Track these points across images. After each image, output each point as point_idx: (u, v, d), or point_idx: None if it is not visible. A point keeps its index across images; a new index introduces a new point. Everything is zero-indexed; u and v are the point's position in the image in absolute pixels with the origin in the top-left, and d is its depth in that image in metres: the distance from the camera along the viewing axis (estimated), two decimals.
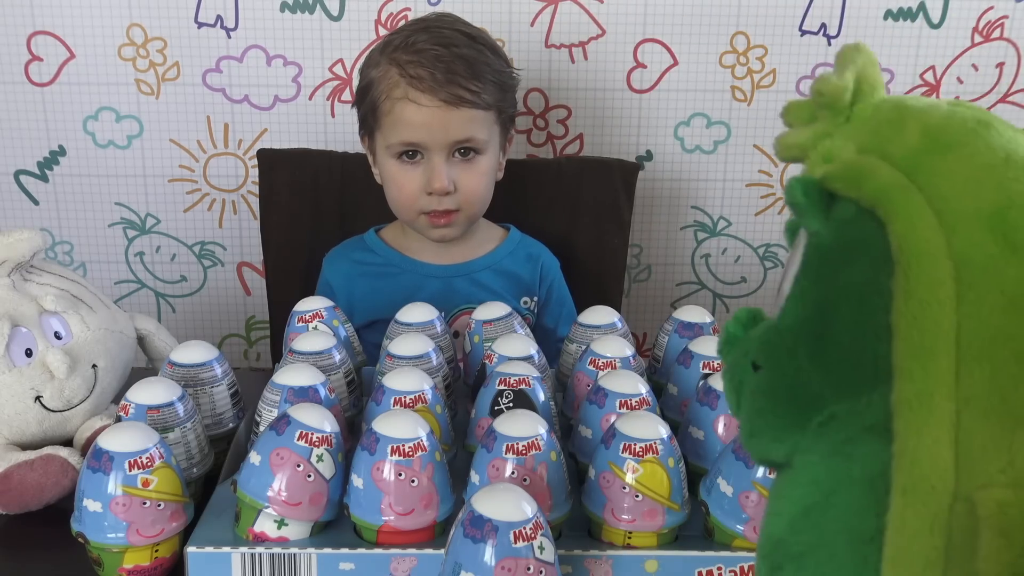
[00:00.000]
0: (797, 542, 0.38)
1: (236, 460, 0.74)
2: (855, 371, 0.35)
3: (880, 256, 0.34)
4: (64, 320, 0.80)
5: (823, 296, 0.37)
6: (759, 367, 0.40)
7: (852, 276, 0.36)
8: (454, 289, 1.11)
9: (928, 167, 0.35)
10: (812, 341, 0.37)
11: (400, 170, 1.04)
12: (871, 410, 0.35)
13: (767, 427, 0.39)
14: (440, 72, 0.99)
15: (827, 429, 0.37)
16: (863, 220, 0.35)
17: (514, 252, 1.15)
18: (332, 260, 1.15)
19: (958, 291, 0.32)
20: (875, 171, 0.36)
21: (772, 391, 0.39)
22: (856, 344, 0.35)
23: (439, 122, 1.00)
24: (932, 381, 0.32)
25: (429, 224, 1.06)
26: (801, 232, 0.40)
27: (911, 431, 0.32)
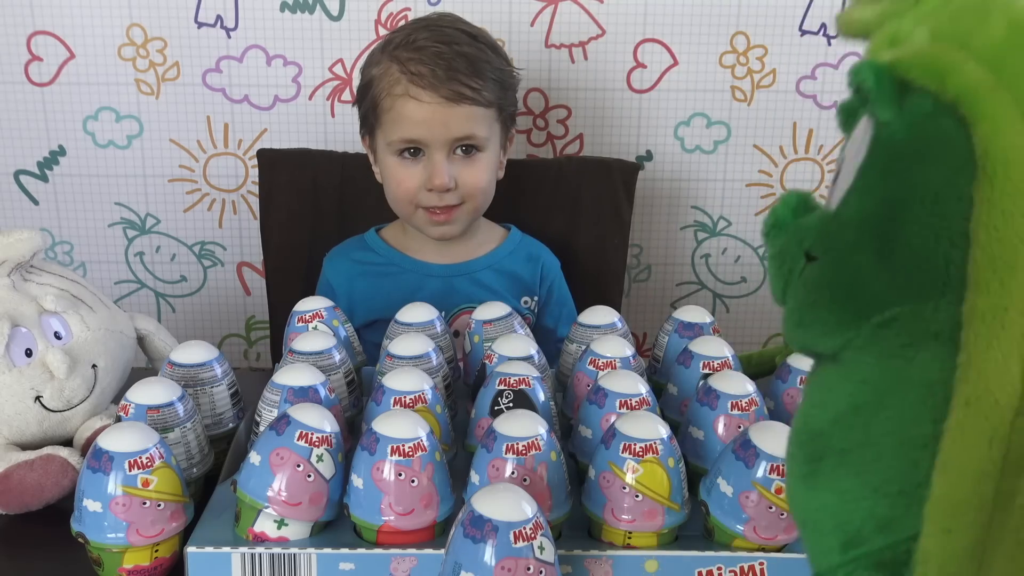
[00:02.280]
0: (842, 438, 0.37)
1: (236, 460, 0.74)
2: (924, 275, 0.34)
3: (960, 158, 0.33)
4: (64, 320, 0.80)
5: (893, 193, 0.35)
6: (814, 257, 0.38)
7: (927, 176, 0.34)
8: (454, 289, 1.11)
9: (1015, 66, 0.32)
10: (879, 239, 0.35)
11: (400, 166, 1.04)
12: (938, 316, 0.34)
13: (818, 321, 0.38)
14: (441, 69, 0.99)
15: (887, 331, 0.35)
16: (942, 116, 0.33)
17: (515, 252, 1.15)
18: (332, 260, 1.15)
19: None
20: (960, 66, 0.33)
21: (828, 285, 0.37)
22: (927, 247, 0.34)
23: (440, 119, 1.00)
24: (1008, 295, 0.31)
25: (428, 220, 1.06)
26: (863, 119, 0.38)
27: (981, 344, 0.31)
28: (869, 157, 0.36)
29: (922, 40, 0.35)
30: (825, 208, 0.40)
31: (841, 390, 0.37)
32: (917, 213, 0.34)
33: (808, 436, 0.39)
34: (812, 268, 0.38)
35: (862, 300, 0.36)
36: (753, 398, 0.73)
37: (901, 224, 0.34)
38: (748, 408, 0.73)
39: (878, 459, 0.35)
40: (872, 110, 0.36)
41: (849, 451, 0.37)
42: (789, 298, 0.40)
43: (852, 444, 0.36)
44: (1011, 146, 0.31)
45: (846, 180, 0.38)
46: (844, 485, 0.36)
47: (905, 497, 0.34)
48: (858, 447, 0.36)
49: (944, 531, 0.33)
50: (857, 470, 0.36)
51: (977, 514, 0.32)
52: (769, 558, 0.64)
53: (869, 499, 0.36)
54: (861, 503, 0.36)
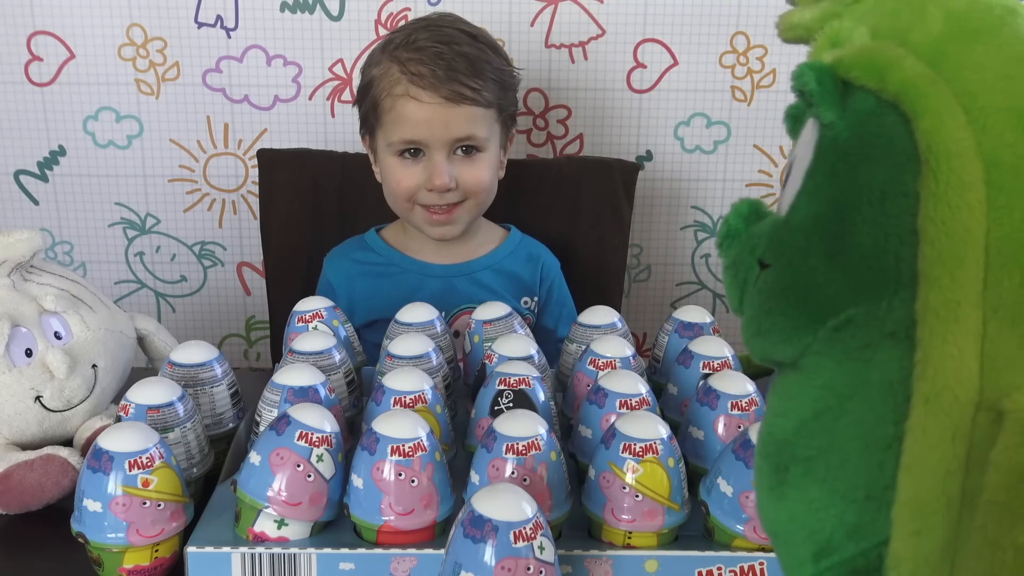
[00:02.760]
0: (806, 445, 0.36)
1: (236, 460, 0.74)
2: (875, 274, 0.33)
3: (904, 154, 0.32)
4: (64, 320, 0.80)
5: (840, 194, 0.35)
6: (767, 265, 0.38)
7: (873, 174, 0.33)
8: (454, 289, 1.11)
9: (954, 58, 0.32)
10: (829, 241, 0.35)
11: (400, 166, 1.04)
12: (891, 315, 0.33)
13: (775, 328, 0.37)
14: (441, 69, 0.99)
15: (843, 333, 0.35)
16: (884, 114, 0.33)
17: (515, 252, 1.15)
18: (333, 260, 1.15)
19: (988, 195, 0.31)
20: (899, 61, 0.33)
21: (783, 291, 0.37)
22: (878, 246, 0.33)
23: (440, 119, 1.00)
24: (960, 289, 0.31)
25: (427, 219, 1.06)
26: (809, 122, 0.37)
27: (936, 339, 0.31)
28: (816, 160, 0.36)
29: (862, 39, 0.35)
30: (776, 214, 0.39)
31: (803, 397, 0.37)
32: (865, 213, 0.34)
33: (774, 446, 0.38)
34: (766, 275, 0.38)
35: (817, 304, 0.36)
36: (753, 398, 0.73)
37: (850, 225, 0.34)
38: (748, 408, 0.73)
39: (843, 465, 0.35)
40: (816, 112, 0.36)
41: (814, 459, 0.36)
42: (746, 307, 0.40)
43: (817, 451, 0.36)
44: (953, 139, 0.31)
45: (795, 184, 0.38)
46: (812, 494, 0.36)
47: (873, 501, 0.34)
48: (823, 454, 0.36)
49: (913, 533, 0.32)
50: (823, 477, 0.35)
51: (945, 513, 0.31)
52: (769, 558, 0.64)
53: (837, 506, 0.35)
54: (830, 511, 0.35)
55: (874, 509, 0.34)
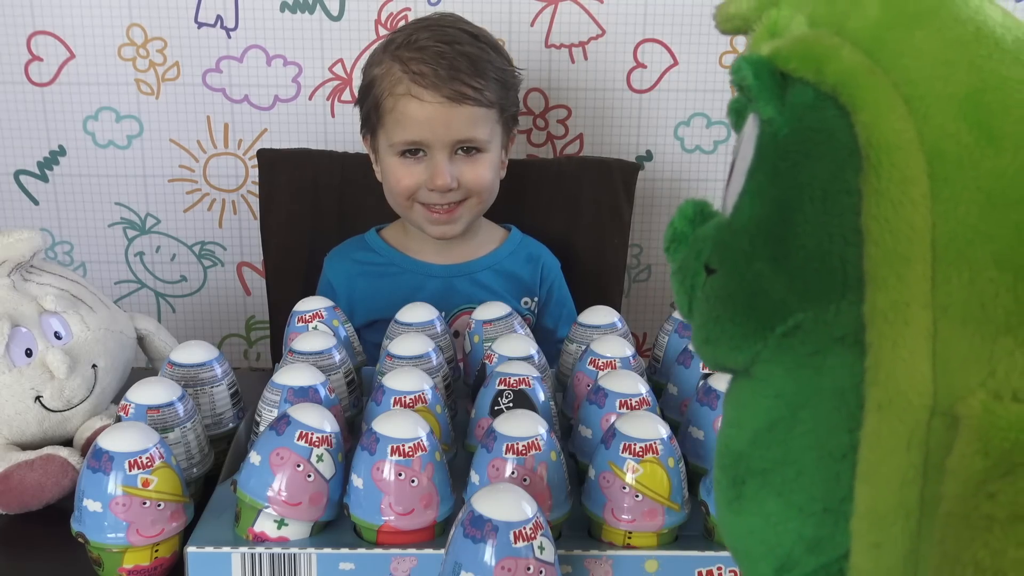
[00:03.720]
0: (761, 457, 0.35)
1: (236, 460, 0.74)
2: (822, 277, 0.32)
3: (845, 149, 0.31)
4: (64, 320, 0.80)
5: (782, 194, 0.33)
6: (713, 270, 0.36)
7: (814, 172, 0.32)
8: (455, 289, 1.11)
9: (892, 45, 0.31)
10: (773, 244, 0.33)
11: (402, 165, 1.04)
12: (840, 320, 0.32)
13: (724, 335, 0.36)
14: (443, 69, 0.99)
15: (792, 340, 0.33)
16: (823, 107, 0.32)
17: (515, 252, 1.15)
18: (333, 260, 1.15)
19: (932, 188, 0.29)
20: (835, 52, 0.31)
21: (729, 297, 0.35)
22: (822, 248, 0.32)
23: (442, 119, 1.00)
24: (907, 289, 0.29)
25: (427, 218, 1.06)
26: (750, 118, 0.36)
27: (886, 343, 0.30)
28: (756, 158, 0.35)
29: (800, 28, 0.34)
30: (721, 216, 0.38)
31: (756, 407, 0.35)
32: (808, 213, 0.32)
33: (730, 459, 0.37)
34: (712, 281, 0.37)
35: (765, 310, 0.34)
36: None
37: (793, 226, 0.33)
38: None
39: (799, 477, 0.33)
40: (755, 108, 0.34)
41: (770, 471, 0.35)
42: (695, 314, 0.38)
43: (772, 463, 0.34)
44: (893, 131, 0.30)
45: (737, 184, 0.36)
46: (769, 508, 0.35)
47: (831, 514, 0.33)
48: (778, 466, 0.34)
49: (873, 546, 0.31)
50: (779, 490, 0.34)
51: (904, 524, 0.30)
52: None
53: (795, 520, 0.34)
54: (788, 525, 0.34)
55: (832, 522, 0.33)
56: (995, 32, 0.31)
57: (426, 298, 0.94)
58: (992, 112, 0.29)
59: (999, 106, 0.30)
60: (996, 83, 0.30)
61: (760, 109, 0.34)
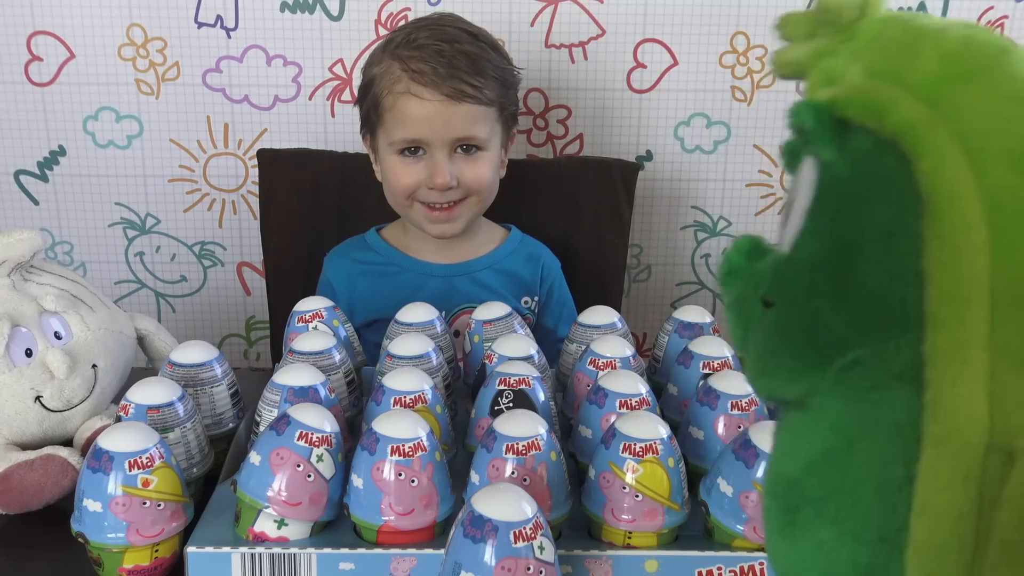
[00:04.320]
0: (817, 486, 0.36)
1: (236, 460, 0.74)
2: (882, 315, 0.33)
3: (905, 194, 0.32)
4: (64, 320, 0.80)
5: (844, 234, 0.34)
6: (771, 304, 0.38)
7: (876, 215, 0.33)
8: (455, 288, 1.11)
9: (951, 98, 0.32)
10: (834, 281, 0.35)
11: (401, 165, 1.04)
12: (899, 356, 0.33)
13: (781, 368, 0.37)
14: (442, 67, 0.99)
15: (850, 374, 0.35)
16: (884, 153, 0.33)
17: (515, 252, 1.15)
18: (333, 259, 1.15)
19: (991, 236, 0.30)
20: (897, 102, 0.33)
21: (789, 331, 0.37)
22: (883, 287, 0.33)
23: (441, 117, 1.00)
24: (967, 331, 0.30)
25: (427, 216, 1.06)
26: (807, 160, 0.37)
27: (945, 381, 0.31)
28: (817, 199, 0.36)
29: (857, 77, 0.35)
30: (778, 251, 0.39)
31: (811, 437, 0.37)
32: (869, 254, 0.33)
33: (783, 487, 0.38)
34: (771, 315, 0.38)
35: (823, 344, 0.35)
36: (753, 398, 0.73)
37: (855, 265, 0.34)
38: (748, 408, 0.73)
39: (854, 506, 0.35)
40: (815, 151, 0.35)
41: (825, 499, 0.36)
42: (750, 347, 0.39)
43: (827, 492, 0.36)
44: (954, 180, 0.31)
45: (796, 222, 0.37)
46: (823, 535, 0.36)
47: (885, 544, 0.34)
48: (833, 495, 0.35)
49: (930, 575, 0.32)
50: (834, 518, 0.35)
51: (958, 556, 0.31)
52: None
53: (849, 547, 0.35)
54: (841, 552, 0.35)
55: (886, 551, 0.34)
56: None
57: (426, 298, 0.94)
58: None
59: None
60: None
61: (820, 152, 0.35)
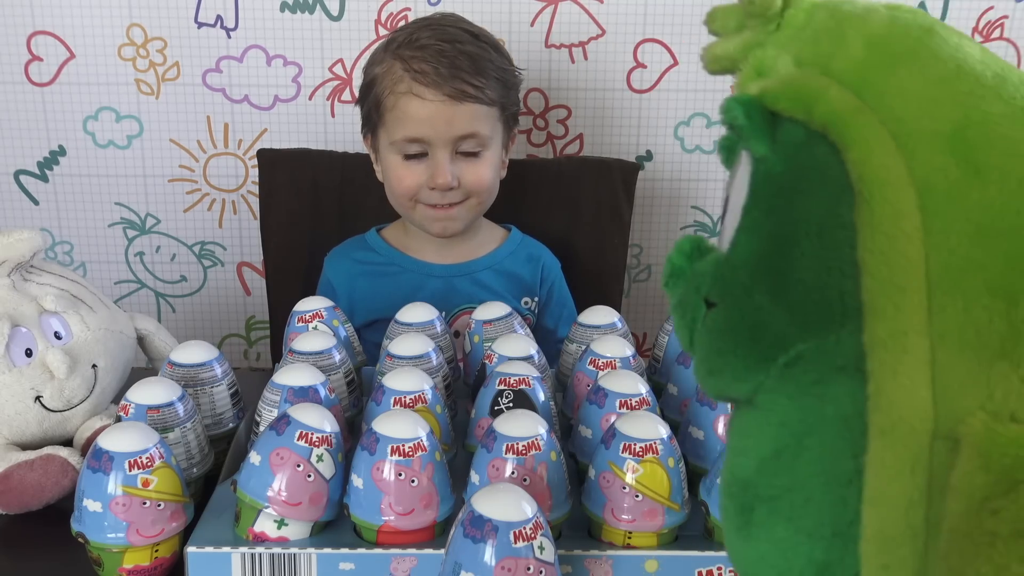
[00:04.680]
0: (769, 485, 0.36)
1: (236, 460, 0.74)
2: (821, 309, 0.33)
3: (837, 185, 0.32)
4: (64, 320, 0.80)
5: (779, 229, 0.34)
6: (713, 304, 0.38)
7: (810, 208, 0.33)
8: (455, 289, 1.11)
9: (878, 84, 0.32)
10: (772, 278, 0.35)
11: (403, 165, 1.04)
12: (841, 349, 0.33)
13: (727, 367, 0.37)
14: (444, 67, 0.99)
15: (795, 370, 0.34)
16: (814, 145, 0.33)
17: (515, 252, 1.15)
18: (333, 259, 1.15)
19: (924, 221, 0.30)
20: (824, 92, 0.33)
21: (731, 330, 0.37)
22: (820, 281, 0.33)
23: (443, 117, 1.00)
24: (905, 318, 0.30)
25: (429, 216, 1.06)
26: (742, 155, 0.37)
27: (886, 371, 0.31)
28: (751, 194, 0.36)
29: (786, 68, 0.35)
30: (719, 251, 0.39)
31: (761, 435, 0.36)
32: (805, 247, 0.33)
33: (737, 487, 0.38)
34: (713, 315, 0.38)
35: (766, 342, 0.35)
36: None
37: (792, 260, 0.34)
38: None
39: (807, 503, 0.34)
40: (747, 146, 0.35)
41: (778, 497, 0.36)
42: (696, 347, 0.39)
43: (780, 490, 0.35)
44: (883, 167, 0.31)
45: (733, 220, 0.37)
46: (778, 533, 0.35)
47: (840, 538, 0.34)
48: (786, 492, 0.35)
49: (882, 568, 0.32)
50: (789, 516, 0.35)
51: (912, 546, 0.31)
52: None
53: (805, 545, 0.35)
54: (798, 550, 0.35)
55: (841, 546, 0.33)
56: (975, 69, 0.33)
57: (426, 298, 0.94)
58: (976, 147, 0.31)
59: (983, 141, 0.31)
60: (979, 118, 0.31)
61: (752, 147, 0.35)
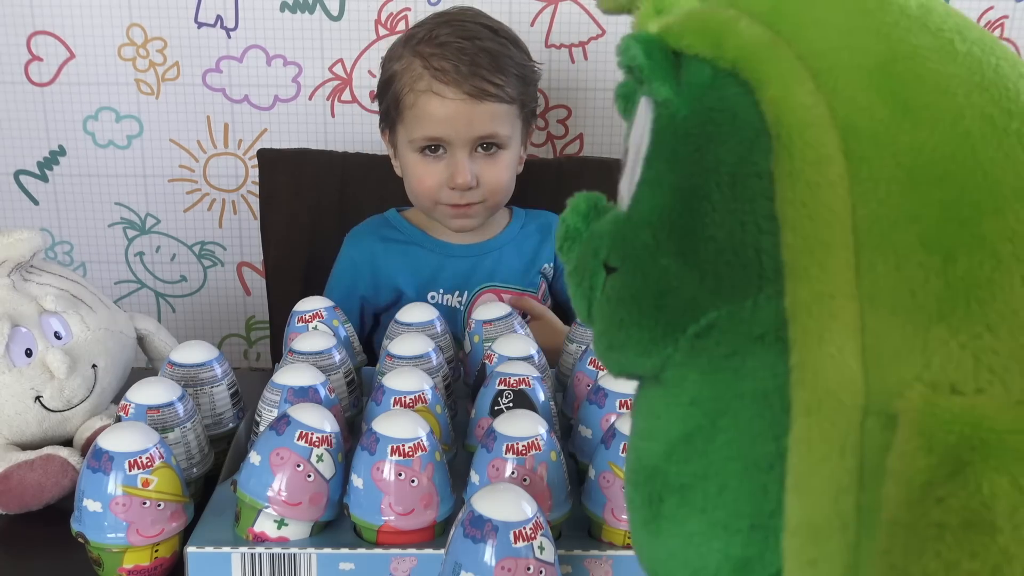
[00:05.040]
0: (679, 472, 0.32)
1: (236, 460, 0.74)
2: (735, 271, 0.29)
3: (751, 129, 0.28)
4: (64, 320, 0.80)
5: (685, 181, 0.30)
6: (613, 268, 0.33)
7: (720, 155, 0.29)
8: (477, 267, 1.12)
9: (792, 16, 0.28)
10: (679, 237, 0.30)
11: (422, 163, 1.04)
12: (758, 316, 0.29)
13: (630, 340, 0.32)
14: (464, 65, 0.99)
15: (706, 341, 0.30)
16: (723, 85, 0.29)
17: (526, 226, 1.16)
18: (354, 238, 1.15)
19: (849, 168, 0.27)
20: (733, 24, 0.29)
21: (634, 297, 0.32)
22: (734, 238, 0.29)
23: (463, 116, 1.00)
24: (831, 279, 0.27)
25: (449, 214, 1.07)
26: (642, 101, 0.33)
27: (811, 339, 0.27)
28: (654, 143, 0.32)
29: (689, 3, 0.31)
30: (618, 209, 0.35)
31: (669, 416, 0.32)
32: (716, 201, 0.29)
33: (643, 475, 0.34)
34: (613, 281, 0.33)
35: (674, 309, 0.31)
36: None
37: (701, 216, 0.30)
38: None
39: (722, 491, 0.30)
40: (648, 90, 0.31)
41: (690, 486, 0.31)
42: (596, 318, 0.35)
43: (692, 478, 0.31)
44: (802, 106, 0.27)
45: (634, 174, 0.33)
46: (691, 527, 0.32)
47: (759, 531, 0.30)
48: (699, 480, 0.31)
49: (808, 563, 0.28)
50: (702, 507, 0.31)
51: (841, 537, 0.27)
52: None
53: (720, 539, 0.31)
54: (712, 544, 0.31)
55: (761, 539, 0.30)
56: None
57: (448, 276, 0.99)
58: (905, 83, 0.27)
59: (912, 76, 0.27)
60: (907, 52, 0.28)
61: (655, 91, 0.31)
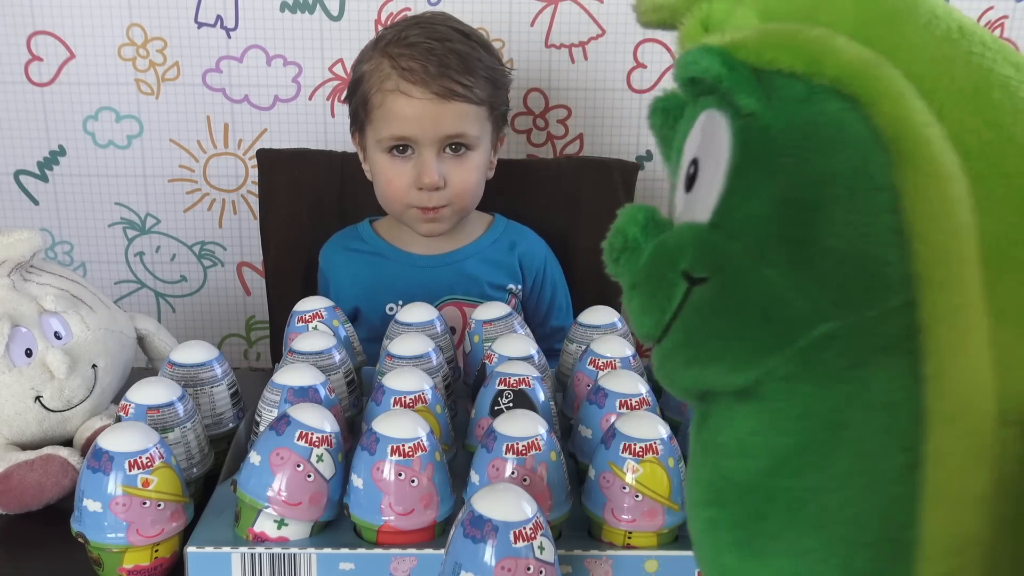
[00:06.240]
0: (788, 488, 0.31)
1: (236, 460, 0.74)
2: (858, 281, 0.29)
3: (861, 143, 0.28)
4: (64, 320, 0.80)
5: (790, 192, 0.30)
6: (700, 280, 0.32)
7: (831, 168, 0.29)
8: (437, 279, 1.11)
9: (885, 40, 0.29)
10: (790, 247, 0.30)
11: (390, 164, 1.04)
12: (885, 327, 0.28)
13: (726, 353, 0.32)
14: (432, 65, 0.99)
15: (823, 352, 0.30)
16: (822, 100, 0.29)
17: (498, 240, 1.15)
18: (326, 249, 1.17)
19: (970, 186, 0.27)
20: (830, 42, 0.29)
21: (733, 308, 0.31)
22: (855, 249, 0.29)
23: (430, 116, 1.00)
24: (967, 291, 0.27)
25: (418, 218, 1.07)
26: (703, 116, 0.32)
27: (948, 349, 0.27)
28: (743, 155, 0.31)
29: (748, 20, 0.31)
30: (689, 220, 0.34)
31: (773, 431, 0.31)
32: (832, 212, 0.29)
33: (735, 493, 0.33)
34: (703, 292, 0.32)
35: (782, 321, 0.30)
36: None
37: (816, 227, 0.29)
38: None
39: (845, 505, 0.30)
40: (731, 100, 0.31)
41: (803, 501, 0.31)
42: (676, 332, 0.34)
43: (806, 492, 0.31)
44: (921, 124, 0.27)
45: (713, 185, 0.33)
46: (805, 544, 0.31)
47: (888, 543, 0.29)
48: (814, 495, 0.30)
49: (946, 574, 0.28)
50: (819, 522, 0.30)
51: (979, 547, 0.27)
52: None
53: (842, 554, 0.30)
54: (831, 561, 0.30)
55: (889, 552, 0.29)
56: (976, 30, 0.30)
57: (408, 287, 0.98)
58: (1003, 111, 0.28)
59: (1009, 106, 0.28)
60: (999, 81, 0.28)
61: (740, 101, 0.31)
